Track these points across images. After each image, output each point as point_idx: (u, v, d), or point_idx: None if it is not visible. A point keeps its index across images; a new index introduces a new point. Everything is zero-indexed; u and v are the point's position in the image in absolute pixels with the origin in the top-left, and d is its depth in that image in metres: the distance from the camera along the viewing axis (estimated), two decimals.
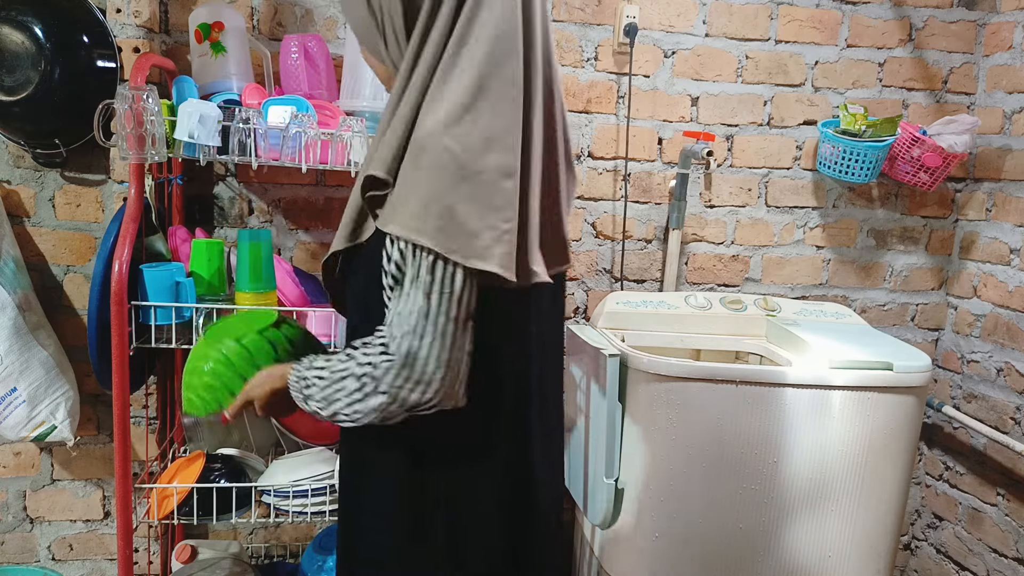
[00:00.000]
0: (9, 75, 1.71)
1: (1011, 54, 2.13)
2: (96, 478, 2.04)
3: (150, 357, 1.82)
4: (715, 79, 2.15)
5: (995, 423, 2.13)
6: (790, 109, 2.19)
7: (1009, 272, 2.11)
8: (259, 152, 1.58)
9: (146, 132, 1.49)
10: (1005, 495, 2.11)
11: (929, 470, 2.39)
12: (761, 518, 1.65)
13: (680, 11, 2.10)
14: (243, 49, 1.77)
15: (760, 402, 1.61)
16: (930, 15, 2.19)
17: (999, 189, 2.17)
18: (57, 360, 1.83)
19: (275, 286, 1.66)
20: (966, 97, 2.25)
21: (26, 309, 1.78)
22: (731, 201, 2.22)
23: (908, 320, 2.35)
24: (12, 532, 2.03)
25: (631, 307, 1.94)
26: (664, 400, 1.62)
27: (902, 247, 2.31)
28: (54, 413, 1.79)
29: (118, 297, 1.51)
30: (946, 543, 2.33)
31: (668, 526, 1.66)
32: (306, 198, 2.02)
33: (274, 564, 2.11)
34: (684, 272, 2.23)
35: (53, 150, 1.83)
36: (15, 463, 2.00)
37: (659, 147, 2.16)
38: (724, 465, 1.62)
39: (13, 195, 1.89)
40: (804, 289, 2.29)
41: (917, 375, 1.65)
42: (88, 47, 1.77)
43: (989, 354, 2.17)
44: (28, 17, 1.71)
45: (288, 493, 1.72)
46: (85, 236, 1.93)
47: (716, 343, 1.95)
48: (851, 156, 2.06)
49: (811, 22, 2.15)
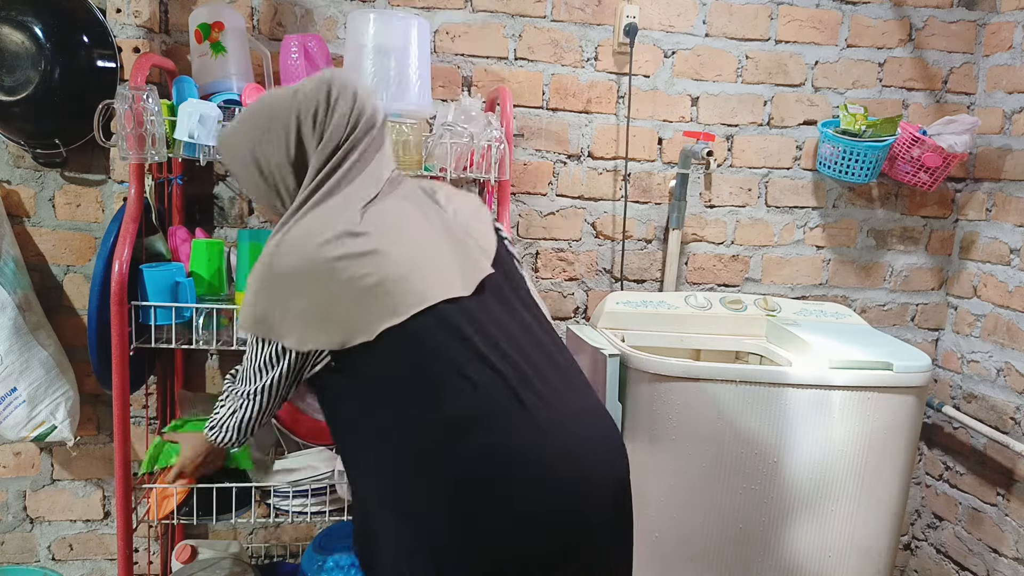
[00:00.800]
0: (9, 75, 1.71)
1: (1011, 54, 2.13)
2: (96, 478, 2.04)
3: (150, 357, 1.82)
4: (715, 79, 2.15)
5: (995, 423, 2.13)
6: (790, 109, 2.19)
7: (1009, 272, 2.11)
8: None
9: (146, 132, 1.49)
10: (1005, 495, 2.11)
11: (929, 470, 2.39)
12: (761, 518, 1.65)
13: (680, 11, 2.10)
14: (243, 49, 1.77)
15: (760, 402, 1.61)
16: (930, 15, 2.19)
17: (999, 189, 2.17)
18: (57, 360, 1.83)
19: None
20: (966, 97, 2.25)
21: (26, 309, 1.78)
22: (731, 201, 2.22)
23: (908, 320, 2.35)
24: (12, 532, 2.03)
25: (631, 307, 1.94)
26: (664, 400, 1.62)
27: (902, 247, 2.31)
28: (54, 413, 1.79)
29: (118, 297, 1.51)
30: (946, 543, 2.33)
31: (668, 526, 1.66)
32: None
33: (274, 564, 2.11)
34: (684, 272, 2.23)
35: (53, 150, 1.83)
36: (15, 463, 2.00)
37: (659, 147, 2.16)
38: (724, 465, 1.62)
39: (13, 195, 1.89)
40: (804, 289, 2.29)
41: (917, 375, 1.65)
42: (88, 47, 1.77)
43: (989, 354, 2.17)
44: (28, 17, 1.70)
45: (288, 493, 1.72)
46: (85, 236, 1.93)
47: (716, 343, 1.95)
48: (851, 156, 2.06)
49: (811, 22, 2.15)
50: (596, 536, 1.14)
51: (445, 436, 1.08)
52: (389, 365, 1.10)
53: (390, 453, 1.11)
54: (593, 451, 1.16)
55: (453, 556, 1.08)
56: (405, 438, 1.10)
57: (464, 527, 1.07)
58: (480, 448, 1.08)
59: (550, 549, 1.10)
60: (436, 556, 1.08)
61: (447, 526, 1.07)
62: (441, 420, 1.08)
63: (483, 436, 1.08)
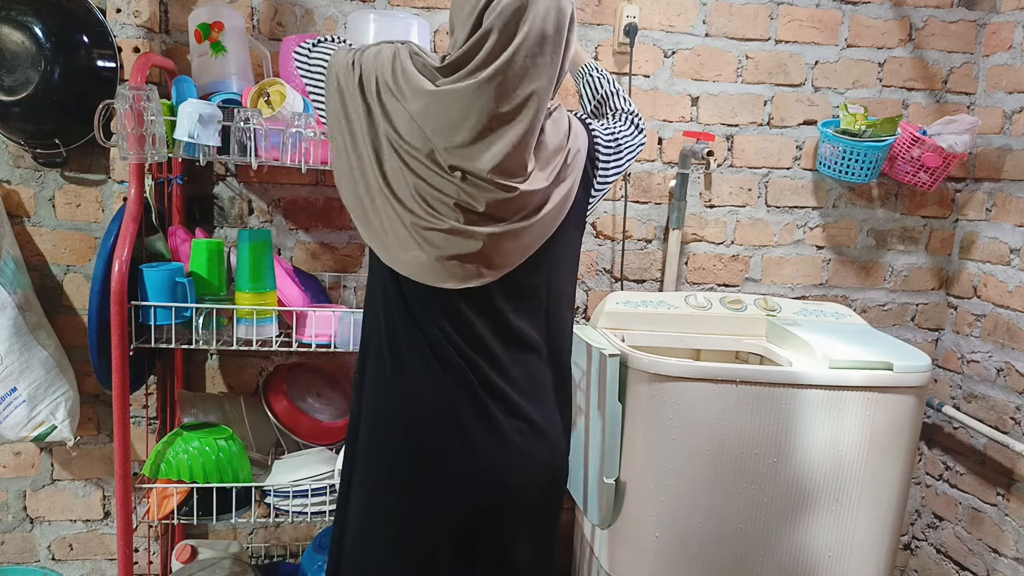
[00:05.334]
0: (9, 75, 1.71)
1: (1011, 54, 2.13)
2: (96, 478, 2.04)
3: (150, 357, 1.82)
4: (715, 79, 2.15)
5: (995, 423, 2.13)
6: (790, 109, 2.19)
7: (1009, 272, 2.11)
8: (259, 152, 1.58)
9: (146, 132, 1.49)
10: (1005, 495, 2.11)
11: (929, 470, 2.39)
12: (761, 518, 1.65)
13: (680, 11, 2.10)
14: (243, 49, 1.77)
15: (760, 402, 1.61)
16: (930, 15, 2.19)
17: (999, 189, 2.17)
18: (57, 360, 1.83)
19: (275, 286, 1.66)
20: (966, 97, 2.25)
21: (26, 309, 1.78)
22: (731, 201, 2.22)
23: (908, 320, 2.35)
24: (12, 532, 2.03)
25: (631, 307, 1.94)
26: (664, 400, 1.62)
27: (902, 247, 2.31)
28: (54, 413, 1.79)
29: (118, 297, 1.51)
30: (946, 543, 2.33)
31: (668, 526, 1.66)
32: (306, 198, 2.02)
33: (274, 564, 2.11)
34: (684, 272, 2.23)
35: (53, 150, 1.83)
36: (15, 463, 2.00)
37: (659, 147, 2.16)
38: (724, 465, 1.62)
39: (13, 195, 1.89)
40: (804, 289, 2.29)
41: (917, 375, 1.65)
42: (88, 47, 1.77)
43: (989, 354, 2.17)
44: (28, 17, 1.71)
45: (288, 493, 1.72)
46: (85, 236, 1.93)
47: (716, 343, 1.95)
48: (851, 156, 2.06)
49: (811, 22, 2.15)
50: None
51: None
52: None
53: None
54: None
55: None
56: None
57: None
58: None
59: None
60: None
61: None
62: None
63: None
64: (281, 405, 1.85)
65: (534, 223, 1.22)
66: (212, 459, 1.64)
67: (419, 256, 1.19)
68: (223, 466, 1.65)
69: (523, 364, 1.27)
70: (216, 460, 1.64)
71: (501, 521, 1.28)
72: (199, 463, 1.63)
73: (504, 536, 1.29)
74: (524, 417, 1.26)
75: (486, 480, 1.25)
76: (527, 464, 1.28)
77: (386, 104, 1.18)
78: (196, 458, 1.63)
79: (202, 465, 1.63)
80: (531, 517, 1.32)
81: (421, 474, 1.26)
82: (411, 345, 1.24)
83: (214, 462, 1.64)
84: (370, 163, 1.20)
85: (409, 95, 1.15)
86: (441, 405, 1.23)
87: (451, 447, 1.24)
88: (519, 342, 1.27)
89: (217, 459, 1.64)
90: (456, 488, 1.25)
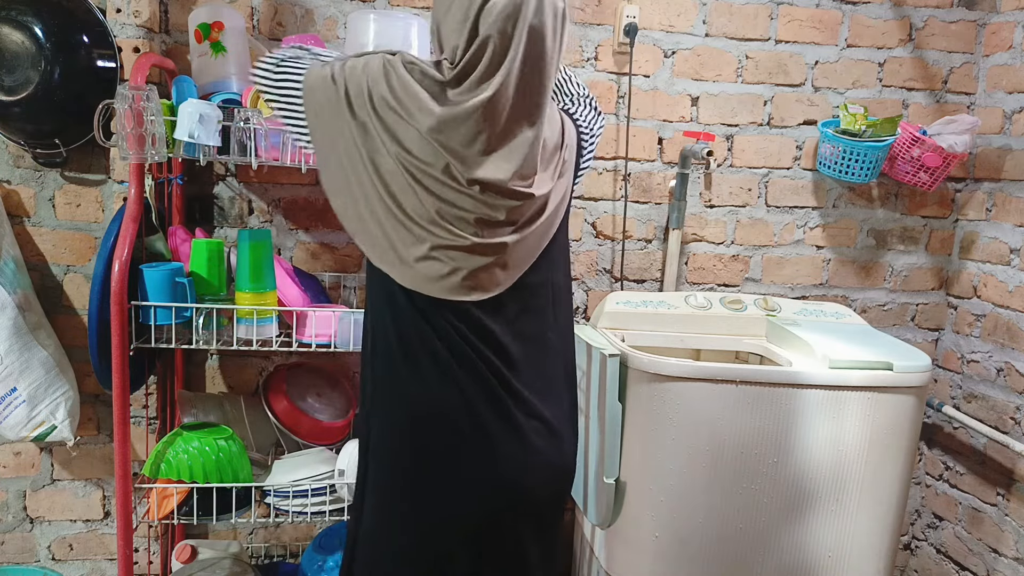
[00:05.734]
0: (9, 75, 1.71)
1: (1011, 54, 2.13)
2: (96, 478, 2.04)
3: (150, 357, 1.82)
4: (715, 79, 2.15)
5: (995, 423, 2.13)
6: (790, 109, 2.19)
7: (1009, 272, 2.11)
8: (259, 152, 1.58)
9: (146, 132, 1.49)
10: (1005, 495, 2.11)
11: (929, 470, 2.39)
12: (761, 518, 1.65)
13: (680, 11, 2.10)
14: (243, 49, 1.77)
15: (760, 402, 1.61)
16: (930, 15, 2.19)
17: (999, 189, 2.17)
18: (57, 360, 1.83)
19: (275, 286, 1.66)
20: (966, 97, 2.25)
21: (26, 309, 1.78)
22: (731, 201, 2.22)
23: (908, 320, 2.35)
24: (12, 532, 2.03)
25: (631, 307, 1.94)
26: (664, 400, 1.62)
27: (902, 247, 2.31)
28: (54, 413, 1.79)
29: (118, 297, 1.51)
30: (946, 543, 2.33)
31: (668, 526, 1.66)
32: (306, 198, 2.02)
33: (274, 564, 2.11)
34: (684, 272, 2.23)
35: (53, 150, 1.83)
36: (15, 463, 2.00)
37: (659, 147, 2.16)
38: (724, 465, 1.62)
39: (13, 195, 1.89)
40: (804, 289, 2.29)
41: (917, 375, 1.65)
42: (88, 47, 1.77)
43: (989, 354, 2.17)
44: (28, 17, 1.70)
45: (288, 493, 1.72)
46: (85, 236, 1.93)
47: (716, 343, 1.95)
48: (851, 156, 2.06)
49: (811, 22, 2.15)
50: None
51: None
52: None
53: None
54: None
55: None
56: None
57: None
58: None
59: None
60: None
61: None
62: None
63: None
64: (281, 405, 1.85)
65: (541, 223, 1.22)
66: (212, 459, 1.64)
67: (440, 274, 1.17)
68: (223, 466, 1.65)
69: (535, 362, 1.26)
70: (216, 460, 1.64)
71: (516, 520, 1.27)
72: (199, 463, 1.63)
73: (518, 535, 1.29)
74: (539, 416, 1.25)
75: (506, 480, 1.24)
76: (542, 463, 1.27)
77: (386, 120, 1.14)
78: (196, 458, 1.63)
79: (202, 465, 1.63)
80: (542, 517, 1.32)
81: (437, 476, 1.24)
82: (424, 345, 1.22)
83: (214, 462, 1.64)
84: (371, 182, 1.17)
85: (416, 112, 1.12)
86: (459, 405, 1.21)
87: (470, 447, 1.22)
88: (530, 339, 1.26)
89: (217, 459, 1.64)
90: (474, 489, 1.24)
